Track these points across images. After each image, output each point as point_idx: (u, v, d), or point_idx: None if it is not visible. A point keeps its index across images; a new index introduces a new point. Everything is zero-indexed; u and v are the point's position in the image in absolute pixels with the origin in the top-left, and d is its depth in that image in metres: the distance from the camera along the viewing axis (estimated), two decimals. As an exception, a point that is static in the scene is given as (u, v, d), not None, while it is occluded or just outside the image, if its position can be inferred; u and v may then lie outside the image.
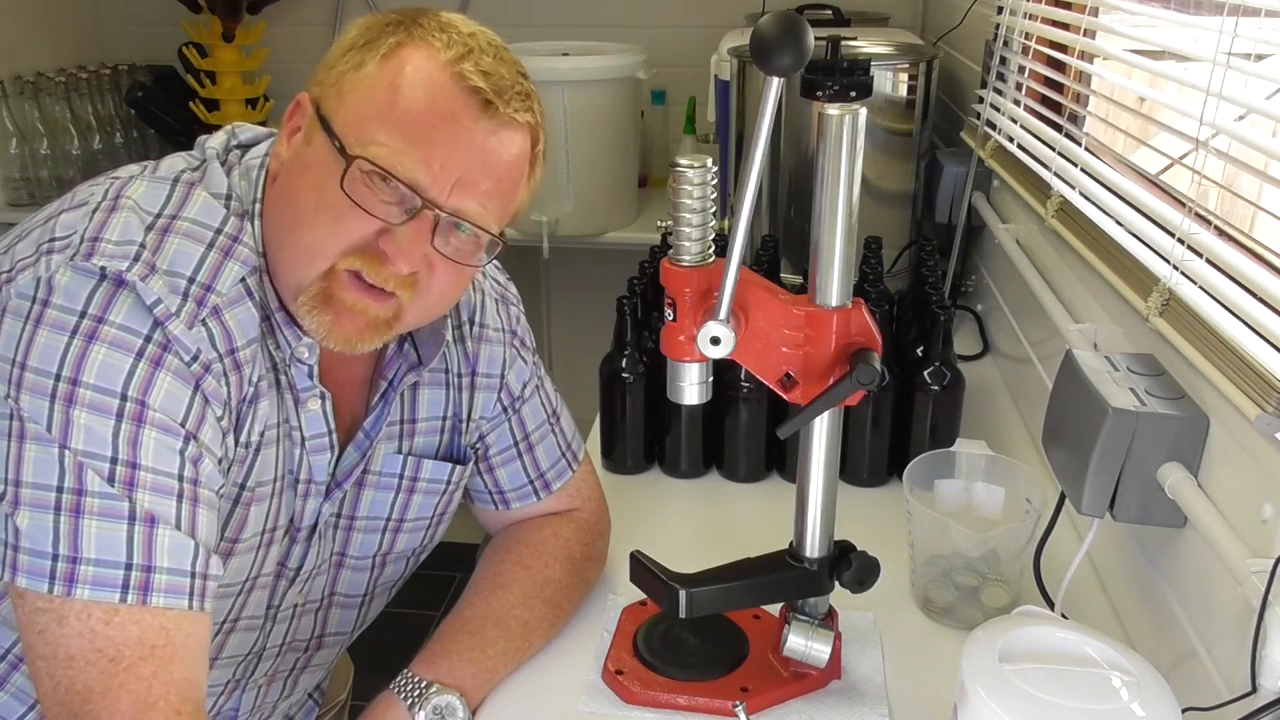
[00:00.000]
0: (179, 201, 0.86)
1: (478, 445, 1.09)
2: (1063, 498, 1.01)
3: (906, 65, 1.69)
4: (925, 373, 1.28)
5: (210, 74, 2.58)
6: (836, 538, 0.96)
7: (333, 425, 0.95)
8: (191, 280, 0.83)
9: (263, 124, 2.83)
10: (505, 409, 1.09)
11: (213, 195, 0.88)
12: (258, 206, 0.90)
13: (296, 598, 1.02)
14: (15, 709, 0.93)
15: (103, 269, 0.79)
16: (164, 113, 2.64)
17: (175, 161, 0.91)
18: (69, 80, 2.51)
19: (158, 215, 0.84)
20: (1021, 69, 1.56)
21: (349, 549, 1.03)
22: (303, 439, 0.94)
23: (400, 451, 1.03)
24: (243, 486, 0.90)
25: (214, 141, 0.94)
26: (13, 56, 2.50)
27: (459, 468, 1.06)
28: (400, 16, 0.88)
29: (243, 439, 0.88)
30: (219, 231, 0.86)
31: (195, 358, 0.82)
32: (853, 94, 1.51)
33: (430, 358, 1.00)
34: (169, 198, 0.86)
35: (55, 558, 0.76)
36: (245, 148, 0.95)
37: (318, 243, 0.85)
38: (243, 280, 0.86)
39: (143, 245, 0.81)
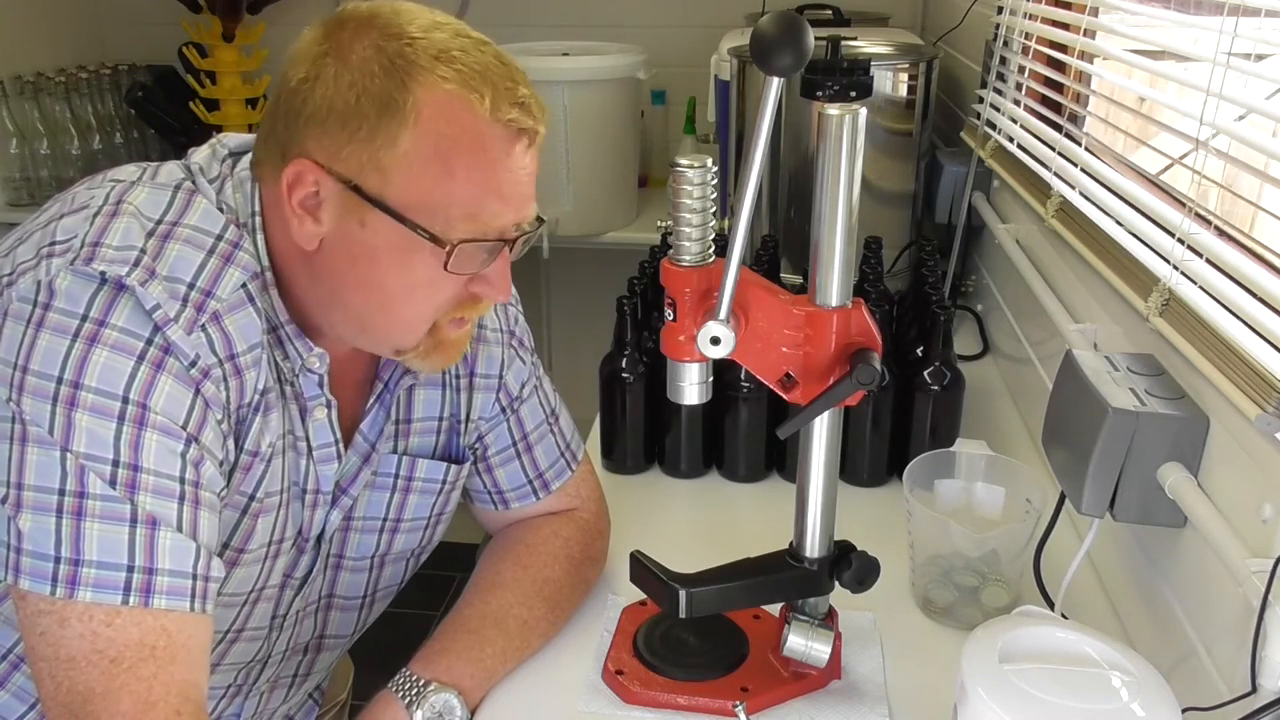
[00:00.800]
0: (180, 208, 0.86)
1: (476, 445, 1.09)
2: (1063, 498, 1.01)
3: (906, 65, 1.69)
4: (925, 373, 1.28)
5: (210, 74, 2.57)
6: (836, 538, 0.96)
7: (339, 434, 0.95)
8: (191, 286, 0.83)
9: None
10: (504, 409, 1.09)
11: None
12: (257, 220, 0.89)
13: (298, 604, 1.02)
14: (16, 708, 0.93)
15: (102, 273, 0.79)
16: (164, 113, 2.64)
17: (174, 170, 0.90)
18: (69, 80, 2.51)
19: (158, 221, 0.84)
20: (1021, 69, 1.56)
21: (346, 550, 1.03)
22: (309, 449, 0.94)
23: (395, 451, 1.03)
24: (251, 497, 0.90)
25: (198, 157, 0.92)
26: (13, 56, 2.50)
27: (454, 467, 1.06)
28: (380, 56, 0.82)
29: (249, 447, 0.88)
30: (219, 238, 0.86)
31: (194, 363, 0.82)
32: (853, 94, 1.51)
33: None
34: (170, 204, 0.86)
35: (57, 560, 0.76)
36: (236, 156, 0.93)
37: (420, 316, 0.90)
38: (243, 286, 0.86)
39: (143, 251, 0.81)
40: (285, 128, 0.85)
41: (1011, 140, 1.56)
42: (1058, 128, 1.39)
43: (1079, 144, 1.36)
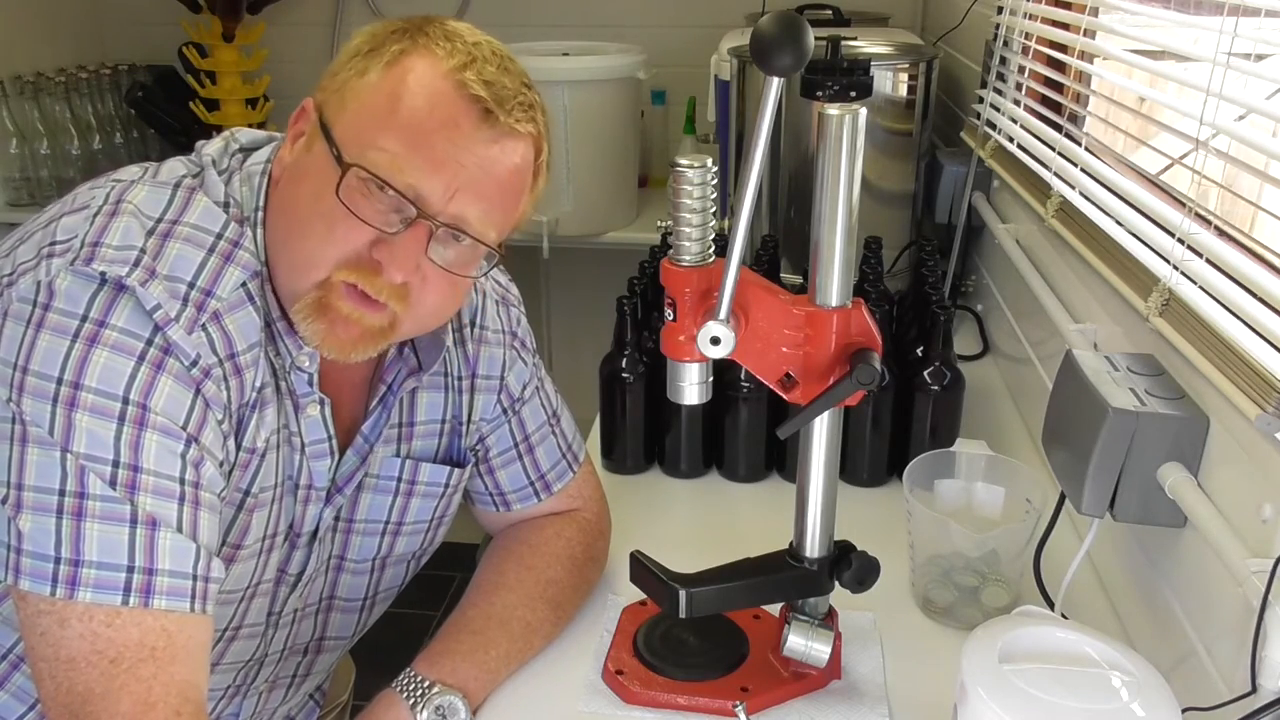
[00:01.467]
0: (180, 206, 0.86)
1: (478, 447, 1.09)
2: (1063, 498, 1.01)
3: (906, 65, 1.69)
4: (925, 373, 1.28)
5: (210, 74, 2.58)
6: (836, 538, 0.96)
7: (332, 431, 0.95)
8: (191, 285, 0.83)
9: (262, 124, 2.83)
10: (505, 411, 1.09)
11: (213, 202, 0.88)
12: (260, 214, 0.89)
13: (296, 603, 1.02)
14: (15, 709, 0.93)
15: (102, 274, 0.79)
16: (164, 113, 2.64)
17: (176, 167, 0.90)
18: (69, 80, 2.51)
19: (158, 220, 0.84)
20: (1021, 69, 1.56)
21: (348, 552, 1.03)
22: (303, 445, 0.94)
23: (398, 455, 1.03)
24: (246, 493, 0.90)
25: (211, 149, 0.93)
26: (13, 56, 2.50)
27: (456, 471, 1.06)
28: (406, 25, 0.87)
29: (246, 443, 0.88)
30: (220, 236, 0.86)
31: (195, 363, 0.82)
32: (853, 94, 1.51)
33: (431, 363, 1.00)
34: (170, 203, 0.86)
35: (57, 560, 0.76)
36: (247, 151, 0.94)
37: (312, 252, 0.85)
38: (243, 285, 0.86)
39: (143, 250, 0.81)
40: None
41: (1011, 140, 1.56)
42: (1058, 128, 1.39)
43: (1079, 144, 1.36)
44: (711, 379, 0.89)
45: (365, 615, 1.10)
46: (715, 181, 0.85)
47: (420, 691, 0.93)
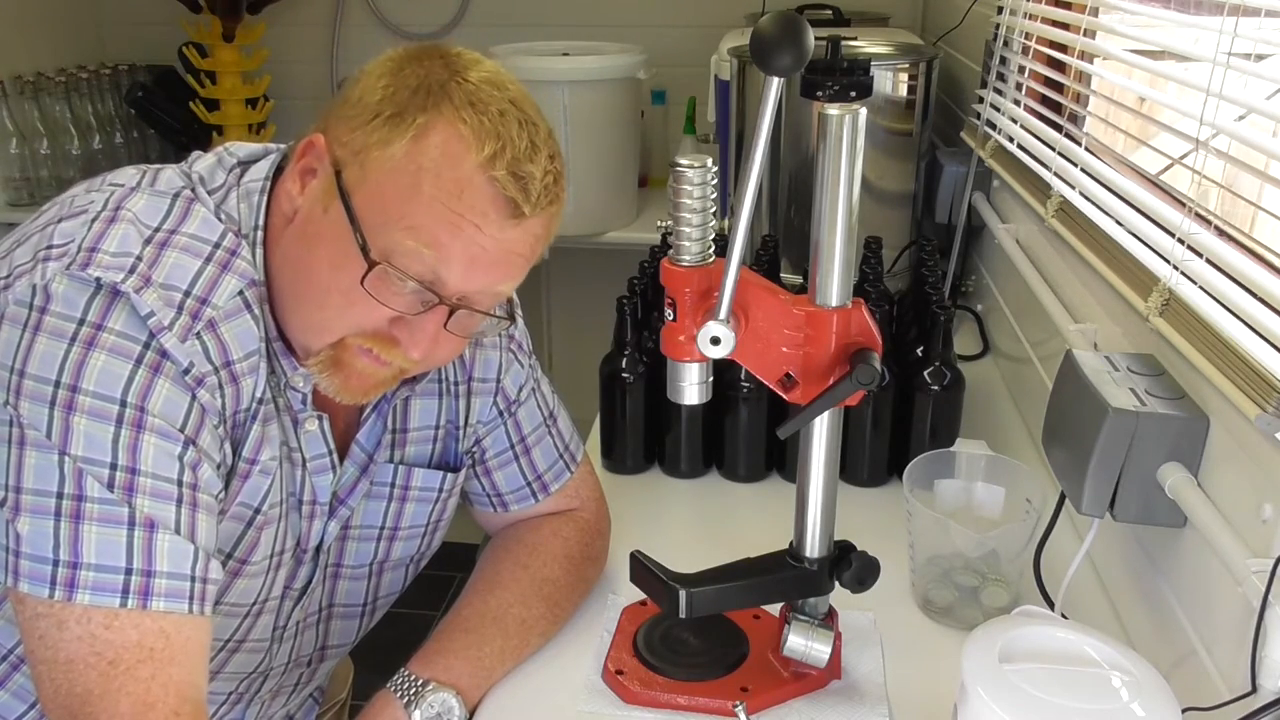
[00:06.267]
0: (179, 217, 0.86)
1: (474, 449, 1.09)
2: (1063, 498, 1.01)
3: (906, 65, 1.69)
4: (925, 373, 1.28)
5: (210, 74, 2.58)
6: (836, 538, 0.96)
7: (332, 445, 0.95)
8: (187, 294, 0.82)
9: (262, 124, 2.81)
10: (501, 413, 1.09)
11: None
12: (259, 234, 0.88)
13: (297, 614, 1.02)
14: (16, 708, 0.93)
15: (98, 279, 0.79)
16: (164, 113, 2.64)
17: (174, 178, 0.90)
18: (69, 80, 2.51)
19: (156, 229, 0.84)
20: (1021, 69, 1.56)
21: (344, 559, 1.03)
22: (304, 460, 0.94)
23: (391, 460, 1.03)
24: (256, 510, 0.90)
25: (202, 165, 0.92)
26: (13, 56, 2.50)
27: (450, 475, 1.06)
28: (426, 78, 0.84)
29: (246, 454, 0.88)
30: (217, 246, 0.85)
31: (187, 371, 0.81)
32: (853, 94, 1.51)
33: (424, 374, 1.00)
34: (169, 212, 0.86)
35: (56, 563, 0.76)
36: (245, 165, 0.93)
37: (328, 322, 0.86)
38: (240, 293, 0.85)
39: (139, 258, 0.81)
40: (326, 109, 0.88)
41: (1011, 140, 1.56)
42: (1058, 128, 1.39)
43: (1079, 144, 1.36)
44: (711, 379, 0.89)
45: (365, 621, 1.10)
46: (715, 181, 0.85)
47: (414, 690, 0.93)
